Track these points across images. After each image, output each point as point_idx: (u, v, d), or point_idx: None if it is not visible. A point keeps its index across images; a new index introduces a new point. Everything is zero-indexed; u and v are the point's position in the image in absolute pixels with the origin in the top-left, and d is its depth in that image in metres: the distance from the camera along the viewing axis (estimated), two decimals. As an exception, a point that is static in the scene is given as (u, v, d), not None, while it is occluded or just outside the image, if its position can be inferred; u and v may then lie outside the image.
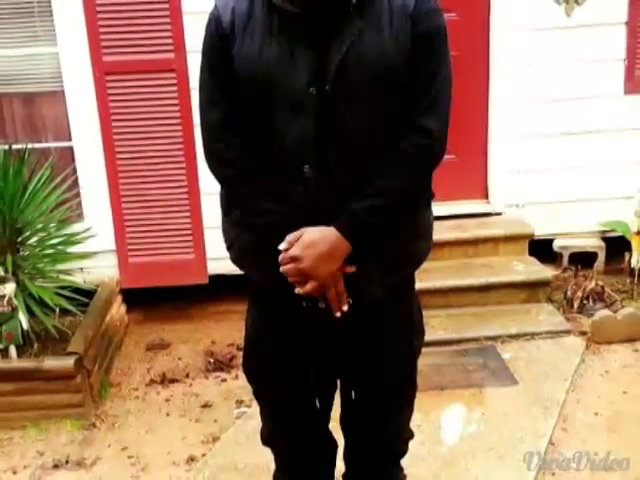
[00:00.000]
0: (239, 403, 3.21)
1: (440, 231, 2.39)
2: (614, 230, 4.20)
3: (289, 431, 2.01)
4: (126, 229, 3.91)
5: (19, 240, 3.40)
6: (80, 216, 3.89)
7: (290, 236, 1.64)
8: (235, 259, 1.85)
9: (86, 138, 3.86)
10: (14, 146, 3.50)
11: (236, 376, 3.43)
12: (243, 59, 1.62)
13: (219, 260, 3.21)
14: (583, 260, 4.19)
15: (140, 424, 3.13)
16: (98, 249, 3.77)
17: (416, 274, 1.91)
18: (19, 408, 3.11)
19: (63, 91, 3.85)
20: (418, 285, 1.94)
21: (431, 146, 1.66)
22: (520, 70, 4.10)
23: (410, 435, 2.07)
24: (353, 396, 1.95)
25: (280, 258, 1.65)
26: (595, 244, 4.28)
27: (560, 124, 4.16)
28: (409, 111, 1.64)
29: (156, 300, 4.04)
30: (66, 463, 2.86)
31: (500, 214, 4.31)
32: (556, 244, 4.30)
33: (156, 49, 3.69)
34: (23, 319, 3.19)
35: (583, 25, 4.02)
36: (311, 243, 1.63)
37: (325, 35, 1.59)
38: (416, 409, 2.02)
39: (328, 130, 1.61)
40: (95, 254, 3.72)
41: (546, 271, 4.00)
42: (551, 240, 4.29)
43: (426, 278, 3.52)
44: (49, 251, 3.50)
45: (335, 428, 2.06)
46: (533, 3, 4.01)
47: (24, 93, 3.92)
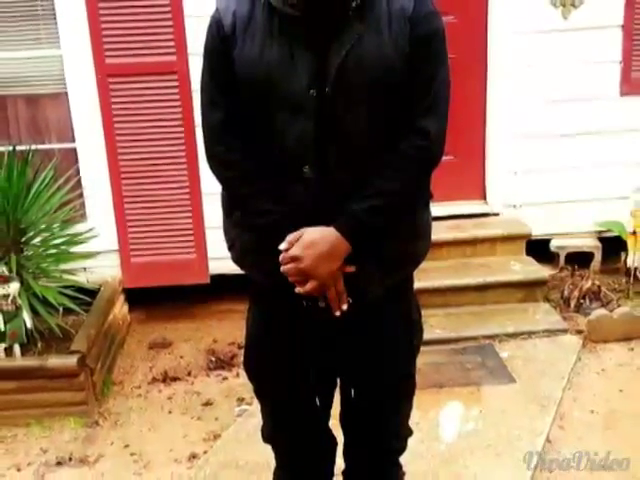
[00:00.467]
0: (240, 401, 3.23)
1: (438, 231, 2.39)
2: (610, 230, 4.21)
3: (289, 429, 2.00)
4: (128, 229, 3.92)
5: (23, 240, 3.41)
6: (83, 216, 3.90)
7: (290, 236, 1.64)
8: (236, 259, 1.85)
9: (89, 139, 3.87)
10: (18, 147, 3.51)
11: (237, 374, 3.44)
12: (244, 61, 1.62)
13: (220, 260, 3.22)
14: (580, 260, 4.20)
15: (142, 422, 3.14)
16: (101, 249, 3.78)
17: (415, 274, 1.90)
18: (23, 406, 3.12)
19: (66, 93, 3.86)
20: (417, 284, 1.94)
21: (430, 147, 1.66)
22: (518, 72, 4.11)
23: (409, 432, 2.06)
24: (353, 394, 1.95)
25: (280, 258, 1.65)
26: (591, 244, 4.29)
27: (557, 125, 4.17)
28: (408, 113, 1.64)
29: (158, 299, 4.04)
30: (69, 460, 2.87)
31: (498, 214, 4.32)
32: (553, 244, 4.30)
33: (158, 52, 3.70)
34: (27, 318, 3.20)
35: (580, 28, 4.03)
36: (311, 243, 1.63)
37: (325, 38, 1.59)
38: (415, 407, 2.02)
39: (328, 131, 1.62)
40: (98, 254, 3.73)
41: (543, 271, 4.01)
42: (548, 240, 4.30)
43: (425, 278, 3.53)
44: (53, 251, 3.51)
45: (335, 426, 2.05)
46: (530, 6, 4.03)
47: (28, 95, 3.93)
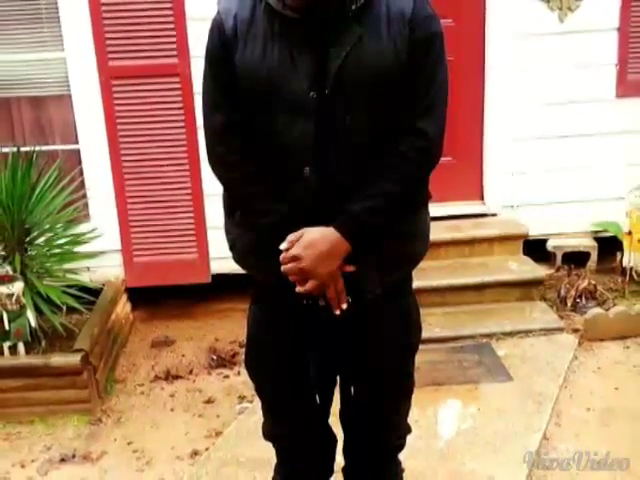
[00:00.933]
0: (241, 399, 3.25)
1: (437, 231, 2.39)
2: (606, 230, 4.23)
3: (290, 426, 2.00)
4: (131, 229, 3.93)
5: (27, 240, 3.43)
6: (86, 217, 3.91)
7: (291, 236, 1.65)
8: (237, 259, 1.85)
9: (92, 141, 3.88)
10: (22, 149, 3.53)
11: (238, 372, 3.46)
12: (245, 64, 1.63)
13: (222, 259, 3.28)
14: (576, 259, 4.22)
15: (145, 419, 3.16)
16: (104, 249, 3.82)
17: (414, 273, 1.91)
18: (27, 403, 3.14)
19: (70, 95, 3.87)
20: (416, 284, 1.94)
21: (428, 148, 1.67)
22: (515, 74, 4.13)
23: (408, 430, 2.06)
24: (352, 392, 1.97)
25: (281, 258, 1.65)
26: (588, 244, 4.30)
27: (554, 127, 4.19)
28: (407, 114, 1.65)
29: (160, 298, 4.06)
30: (73, 457, 2.89)
31: (495, 215, 4.33)
32: (550, 244, 4.32)
33: (161, 54, 3.72)
34: (31, 317, 3.23)
35: (576, 31, 4.05)
36: (311, 243, 1.64)
37: (325, 40, 1.60)
38: (413, 404, 2.03)
39: (328, 132, 1.63)
40: (101, 254, 3.77)
41: (540, 270, 4.02)
42: (545, 240, 4.32)
43: (423, 277, 3.56)
44: (56, 251, 3.53)
45: (335, 423, 2.06)
46: (527, 10, 4.04)
47: (32, 97, 3.94)
